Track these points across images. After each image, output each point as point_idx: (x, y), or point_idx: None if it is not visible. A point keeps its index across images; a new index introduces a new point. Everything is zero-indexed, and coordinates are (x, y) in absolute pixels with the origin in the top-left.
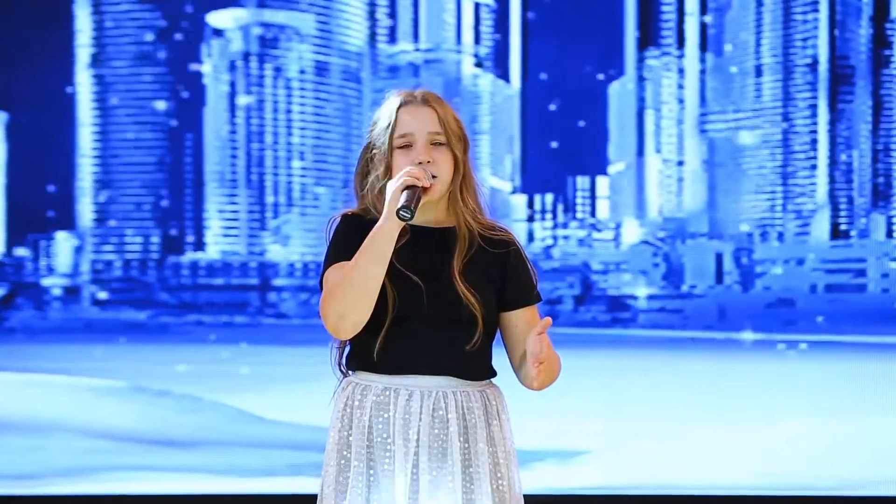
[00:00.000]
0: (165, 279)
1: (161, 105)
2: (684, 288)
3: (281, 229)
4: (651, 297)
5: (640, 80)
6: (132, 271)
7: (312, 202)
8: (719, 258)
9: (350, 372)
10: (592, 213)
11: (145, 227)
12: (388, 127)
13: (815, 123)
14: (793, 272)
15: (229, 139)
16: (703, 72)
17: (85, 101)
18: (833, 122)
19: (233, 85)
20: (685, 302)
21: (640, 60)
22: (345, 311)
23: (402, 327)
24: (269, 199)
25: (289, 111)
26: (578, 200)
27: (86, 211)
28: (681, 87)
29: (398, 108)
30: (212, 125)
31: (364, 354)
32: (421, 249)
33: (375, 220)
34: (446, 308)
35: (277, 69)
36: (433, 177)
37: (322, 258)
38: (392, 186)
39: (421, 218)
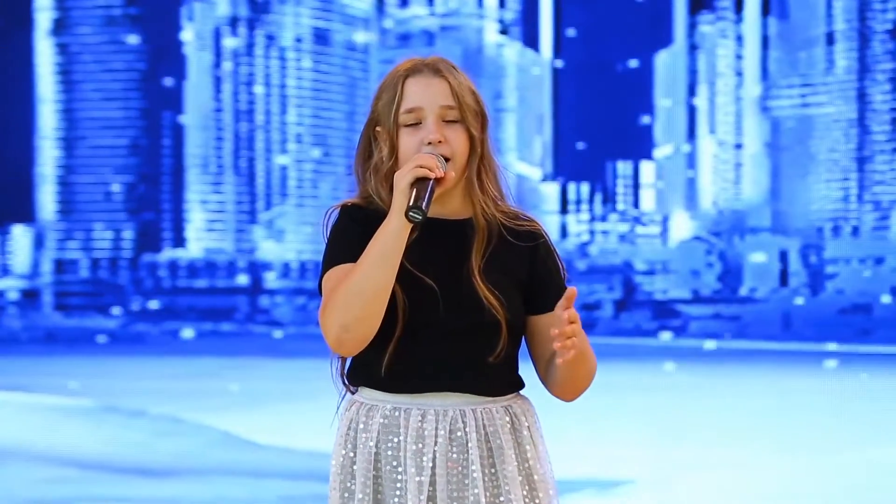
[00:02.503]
0: (140, 281)
1: (134, 79)
2: (743, 291)
3: (274, 223)
4: (704, 302)
5: (692, 49)
6: (101, 272)
7: (311, 191)
8: (784, 257)
9: (353, 388)
10: (636, 205)
11: (116, 221)
12: (393, 100)
13: (895, 99)
14: (870, 273)
15: (214, 118)
16: (765, 39)
17: (46, 75)
18: None
19: (218, 55)
20: (744, 308)
21: (692, 27)
22: (350, 322)
23: (415, 338)
24: (261, 187)
25: (283, 86)
26: (619, 189)
27: (47, 201)
28: (739, 57)
29: (405, 79)
30: (194, 102)
31: (370, 369)
32: (434, 246)
33: (380, 210)
34: (465, 314)
35: (270, 37)
36: (446, 160)
37: (322, 257)
38: (401, 179)
39: (434, 209)
